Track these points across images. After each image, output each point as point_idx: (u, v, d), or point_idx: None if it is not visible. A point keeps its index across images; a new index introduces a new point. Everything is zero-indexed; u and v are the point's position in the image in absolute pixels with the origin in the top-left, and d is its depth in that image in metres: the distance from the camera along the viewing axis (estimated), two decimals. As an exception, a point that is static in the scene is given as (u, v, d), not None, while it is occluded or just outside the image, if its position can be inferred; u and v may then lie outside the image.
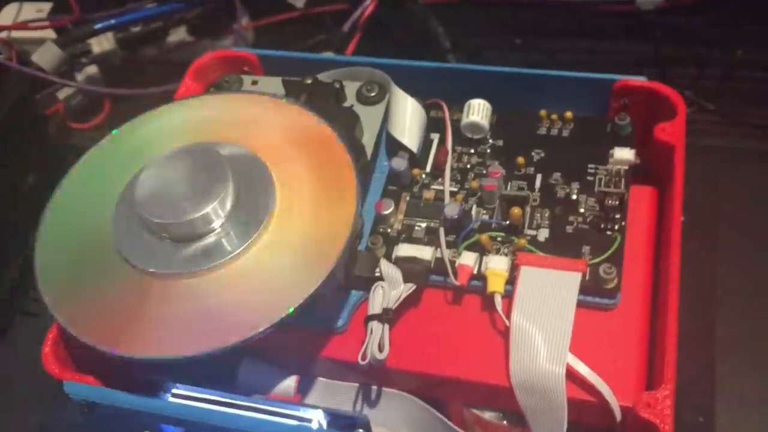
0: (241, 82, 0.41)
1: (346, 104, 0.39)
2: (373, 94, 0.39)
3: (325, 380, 0.35)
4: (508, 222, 0.35)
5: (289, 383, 0.34)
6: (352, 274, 0.34)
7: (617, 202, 0.34)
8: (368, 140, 0.37)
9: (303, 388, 0.35)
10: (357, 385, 0.35)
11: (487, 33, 0.59)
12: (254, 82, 0.41)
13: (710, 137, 0.49)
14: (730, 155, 0.48)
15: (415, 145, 0.38)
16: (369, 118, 0.38)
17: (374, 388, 0.35)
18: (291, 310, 0.30)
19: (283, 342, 0.35)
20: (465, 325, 0.34)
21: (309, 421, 0.32)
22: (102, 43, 0.57)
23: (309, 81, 0.38)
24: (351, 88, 0.39)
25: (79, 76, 0.57)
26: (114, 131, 0.37)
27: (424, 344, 0.34)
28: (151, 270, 0.32)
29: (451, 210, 0.35)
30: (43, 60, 0.54)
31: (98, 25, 0.55)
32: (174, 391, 0.34)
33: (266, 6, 0.58)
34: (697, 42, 0.53)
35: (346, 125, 0.36)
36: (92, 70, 0.58)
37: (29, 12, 0.58)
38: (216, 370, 0.35)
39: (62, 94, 0.57)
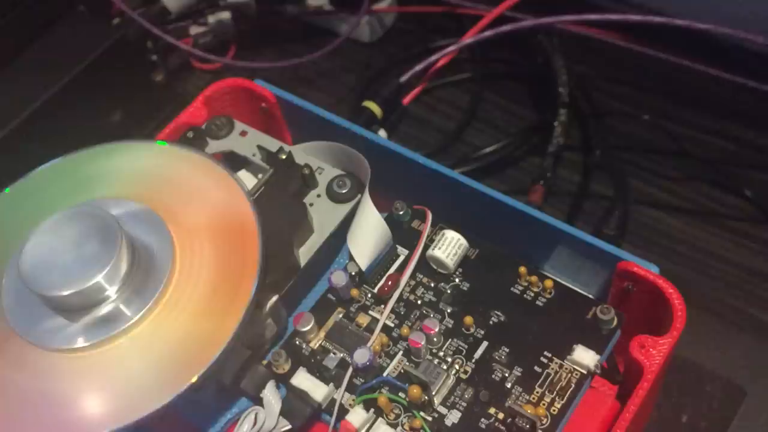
0: (232, 127, 0.38)
1: (315, 192, 0.35)
2: (343, 191, 0.34)
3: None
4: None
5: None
6: (240, 386, 0.32)
7: (527, 426, 0.28)
8: (315, 240, 0.34)
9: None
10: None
11: (615, 90, 0.54)
12: (243, 133, 0.38)
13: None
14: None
15: (365, 264, 0.34)
16: (328, 216, 0.34)
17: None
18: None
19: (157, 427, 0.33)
20: (328, 488, 0.30)
21: None
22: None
23: (283, 156, 0.35)
24: (327, 175, 0.35)
25: (212, 18, 0.57)
26: (6, 189, 0.35)
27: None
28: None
29: (360, 357, 0.31)
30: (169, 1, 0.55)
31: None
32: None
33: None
34: None
35: (290, 218, 0.33)
36: (225, 15, 0.57)
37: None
38: None
39: (193, 31, 0.57)
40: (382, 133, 0.45)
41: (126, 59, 0.56)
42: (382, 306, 0.33)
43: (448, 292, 0.34)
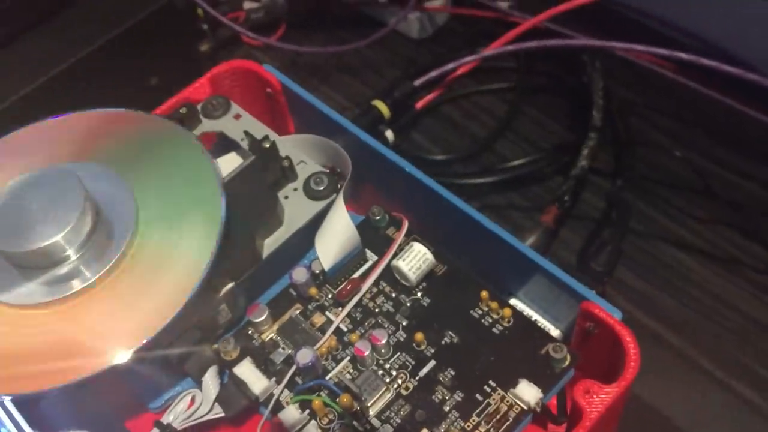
0: (227, 109, 0.38)
1: (292, 185, 0.35)
2: (320, 188, 0.34)
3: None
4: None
5: (73, 439, 0.33)
6: (184, 365, 0.32)
7: (449, 453, 0.28)
8: (282, 233, 0.33)
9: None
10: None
11: (654, 119, 0.53)
12: (237, 116, 0.38)
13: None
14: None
15: (328, 264, 0.33)
16: (300, 211, 0.34)
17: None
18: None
19: (103, 388, 0.33)
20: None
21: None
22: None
23: (267, 144, 0.35)
24: (307, 170, 0.35)
25: None
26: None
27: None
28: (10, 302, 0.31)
29: (303, 356, 0.31)
30: None
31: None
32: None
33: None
34: None
35: (259, 208, 0.33)
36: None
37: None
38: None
39: (247, 5, 0.58)
40: (389, 134, 0.45)
41: (173, 25, 0.57)
42: (340, 309, 0.33)
43: (407, 305, 0.33)
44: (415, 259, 0.33)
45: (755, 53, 0.47)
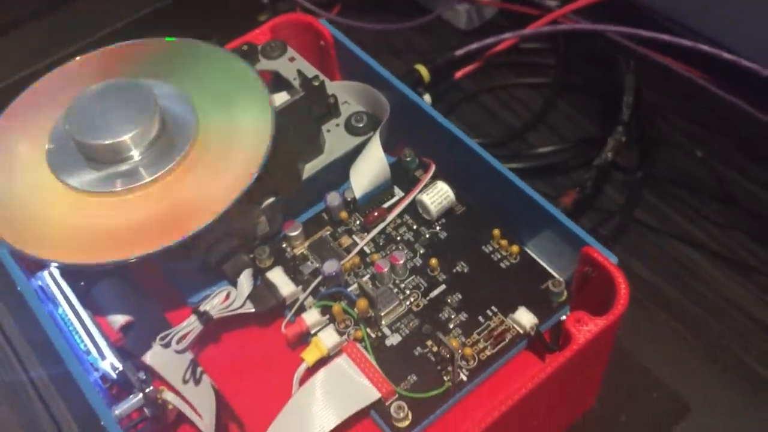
0: (283, 51, 0.42)
1: (335, 120, 0.39)
2: (359, 125, 0.38)
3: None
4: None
5: (118, 320, 0.37)
6: (222, 267, 0.36)
7: (448, 356, 0.31)
8: (321, 160, 0.37)
9: (132, 335, 0.37)
10: (190, 358, 0.37)
11: (674, 122, 0.55)
12: (291, 59, 0.42)
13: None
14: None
15: (359, 192, 0.37)
16: (340, 143, 0.38)
17: (198, 369, 0.37)
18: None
19: (149, 281, 0.38)
20: (271, 369, 0.34)
21: (103, 358, 0.35)
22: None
23: (316, 83, 0.39)
24: (349, 109, 0.39)
25: None
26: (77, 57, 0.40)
27: (230, 359, 0.35)
28: (76, 187, 0.35)
29: (329, 266, 0.34)
30: None
31: None
32: (51, 269, 0.38)
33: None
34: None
35: (304, 136, 0.37)
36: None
37: None
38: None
39: None
40: (427, 97, 0.48)
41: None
42: (365, 234, 0.37)
43: (426, 236, 0.37)
44: (438, 195, 0.37)
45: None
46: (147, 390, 0.35)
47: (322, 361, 0.33)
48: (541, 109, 0.56)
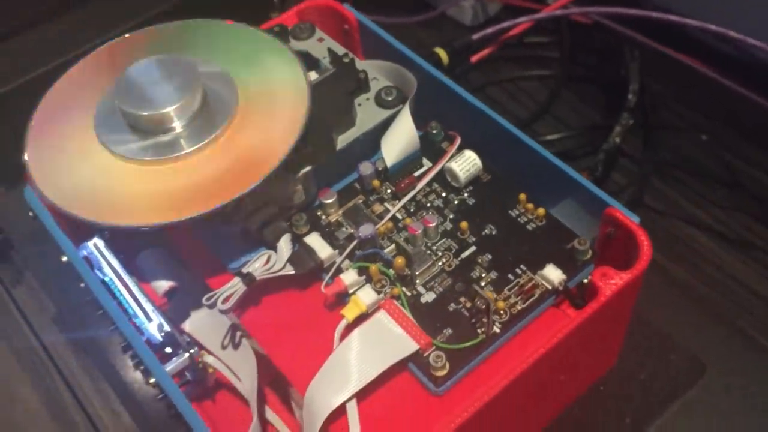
0: (312, 33, 0.44)
1: (365, 95, 0.41)
2: (389, 99, 0.40)
3: (203, 310, 0.39)
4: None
5: (163, 285, 0.38)
6: (261, 232, 0.37)
7: (483, 306, 0.33)
8: (353, 132, 0.39)
9: (182, 296, 0.39)
10: (229, 324, 0.39)
11: (681, 103, 0.57)
12: (320, 39, 0.43)
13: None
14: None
15: (391, 161, 0.39)
16: (370, 116, 0.40)
17: (238, 334, 0.39)
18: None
19: (189, 250, 0.39)
20: (311, 327, 0.36)
21: (151, 321, 0.37)
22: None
23: (347, 60, 0.40)
24: (378, 85, 0.41)
25: None
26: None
27: (271, 319, 0.36)
28: (121, 154, 0.37)
29: (365, 230, 0.36)
30: None
31: None
32: (95, 240, 0.40)
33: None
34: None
35: (337, 109, 0.39)
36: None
37: None
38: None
39: None
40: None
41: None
42: (396, 201, 0.39)
43: (455, 203, 0.39)
44: (466, 163, 0.39)
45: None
46: (192, 350, 0.37)
47: (361, 319, 0.35)
48: (547, 99, 0.58)
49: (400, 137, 0.39)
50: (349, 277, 0.36)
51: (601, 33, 0.58)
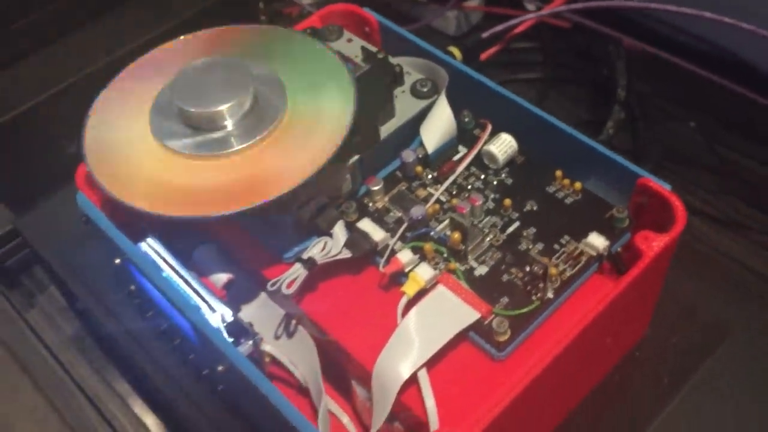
0: (341, 35, 0.46)
1: (401, 88, 0.43)
2: (425, 89, 0.42)
3: (262, 297, 0.41)
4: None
5: (222, 278, 0.40)
6: (315, 221, 0.39)
7: (541, 272, 0.35)
8: (394, 122, 0.41)
9: (234, 290, 0.40)
10: (282, 313, 0.40)
11: (665, 100, 0.60)
12: (349, 40, 0.46)
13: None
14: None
15: (431, 148, 0.41)
16: (408, 107, 0.42)
17: (292, 323, 0.40)
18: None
19: (240, 245, 0.41)
20: (371, 307, 0.38)
21: (214, 311, 0.38)
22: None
23: (380, 56, 0.43)
24: (412, 78, 0.43)
25: None
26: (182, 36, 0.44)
27: (331, 303, 0.38)
28: (174, 149, 0.38)
29: (416, 211, 0.38)
30: None
31: None
32: (149, 241, 0.41)
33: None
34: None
35: (378, 102, 0.41)
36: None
37: None
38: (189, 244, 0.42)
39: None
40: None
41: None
42: (439, 185, 0.41)
43: (494, 183, 0.41)
44: (503, 145, 0.41)
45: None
46: (256, 337, 0.38)
47: (421, 294, 0.37)
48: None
49: (440, 124, 0.41)
50: (405, 256, 0.38)
51: (580, 35, 0.61)
